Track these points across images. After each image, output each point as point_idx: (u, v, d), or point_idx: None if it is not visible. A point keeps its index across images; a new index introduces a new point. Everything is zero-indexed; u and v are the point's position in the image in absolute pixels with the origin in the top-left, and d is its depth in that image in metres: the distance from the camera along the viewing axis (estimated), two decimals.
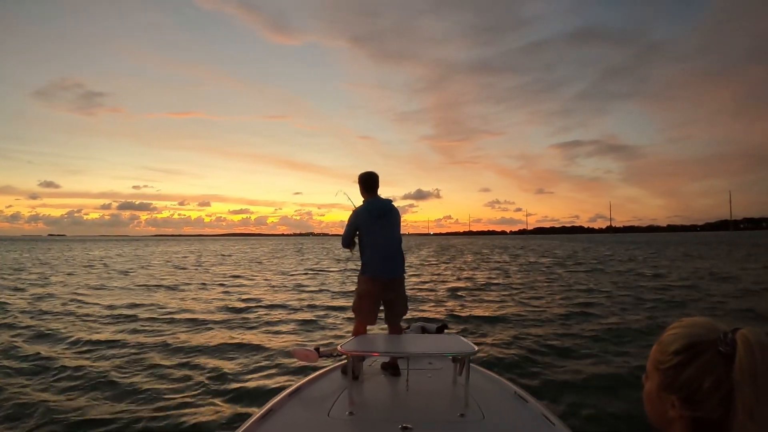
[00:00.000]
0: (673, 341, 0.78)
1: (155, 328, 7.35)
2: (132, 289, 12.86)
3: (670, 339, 0.79)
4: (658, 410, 0.81)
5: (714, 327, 0.77)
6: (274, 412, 2.32)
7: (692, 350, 0.75)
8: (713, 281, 13.52)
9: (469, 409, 2.36)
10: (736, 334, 0.73)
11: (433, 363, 3.21)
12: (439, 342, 2.95)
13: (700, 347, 0.75)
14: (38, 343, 6.30)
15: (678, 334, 0.79)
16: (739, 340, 0.72)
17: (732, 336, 0.73)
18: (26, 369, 5.11)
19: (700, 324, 0.78)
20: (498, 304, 9.93)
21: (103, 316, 8.42)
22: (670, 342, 0.79)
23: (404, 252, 3.41)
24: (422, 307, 9.62)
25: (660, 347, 0.81)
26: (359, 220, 3.34)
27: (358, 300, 3.31)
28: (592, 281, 14.04)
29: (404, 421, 2.15)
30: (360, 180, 3.46)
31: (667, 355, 0.78)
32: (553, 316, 8.32)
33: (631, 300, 10.02)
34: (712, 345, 0.74)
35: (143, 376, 4.87)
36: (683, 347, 0.76)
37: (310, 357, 3.22)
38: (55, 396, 4.28)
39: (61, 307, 9.43)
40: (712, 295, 10.48)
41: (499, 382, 2.87)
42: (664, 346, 0.80)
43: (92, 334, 6.88)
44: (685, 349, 0.76)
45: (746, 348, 0.71)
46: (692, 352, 0.75)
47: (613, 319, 7.84)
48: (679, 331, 0.79)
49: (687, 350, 0.76)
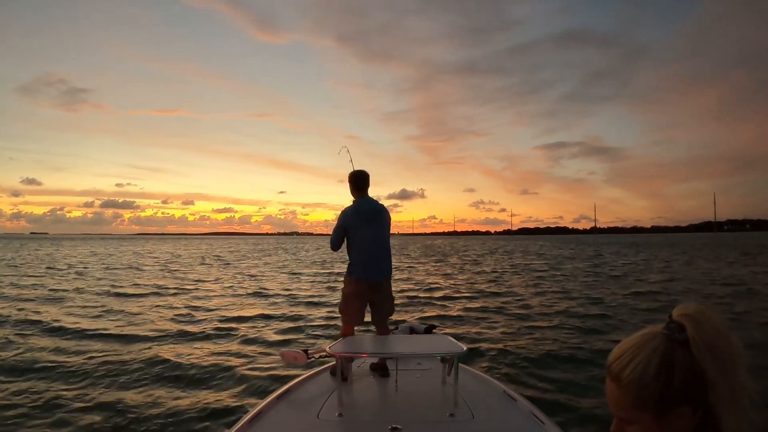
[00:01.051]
0: (644, 372, 0.71)
1: (144, 332, 7.23)
2: (93, 292, 11.93)
3: (640, 372, 0.72)
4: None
5: (653, 331, 0.74)
6: (264, 414, 2.31)
7: (665, 363, 0.70)
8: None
9: (459, 408, 2.37)
10: (675, 317, 0.72)
11: (422, 363, 3.22)
12: (428, 342, 2.96)
13: (667, 355, 0.71)
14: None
15: (641, 363, 0.72)
16: (682, 320, 0.71)
17: (673, 321, 0.72)
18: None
19: (646, 335, 0.74)
20: (486, 304, 9.99)
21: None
22: (642, 374, 0.71)
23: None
24: (410, 308, 9.63)
25: (632, 388, 0.72)
26: (347, 221, 3.30)
27: (345, 301, 3.30)
28: (589, 283, 13.73)
29: (394, 422, 2.16)
30: (350, 179, 3.40)
31: (649, 387, 0.71)
32: (542, 316, 8.40)
33: (627, 303, 10.02)
34: (670, 343, 0.71)
35: (129, 382, 4.76)
36: (658, 366, 0.71)
37: (298, 359, 3.20)
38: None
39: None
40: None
41: (488, 382, 2.89)
42: (637, 382, 0.72)
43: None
44: (661, 367, 0.70)
45: (691, 323, 0.70)
46: (666, 364, 0.70)
47: (608, 321, 7.94)
48: (638, 360, 0.72)
49: (662, 366, 0.70)
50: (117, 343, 6.33)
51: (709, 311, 0.72)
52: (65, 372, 4.99)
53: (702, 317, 0.70)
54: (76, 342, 6.38)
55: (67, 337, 6.70)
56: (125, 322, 7.83)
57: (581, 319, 7.98)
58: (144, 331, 7.10)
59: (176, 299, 10.68)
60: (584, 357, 5.54)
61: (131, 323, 7.78)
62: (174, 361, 5.46)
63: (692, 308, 0.72)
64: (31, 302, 10.05)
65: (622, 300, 10.14)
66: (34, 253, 34.59)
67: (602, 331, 7.00)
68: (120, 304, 9.94)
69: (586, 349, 5.89)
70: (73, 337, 6.71)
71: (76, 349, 5.94)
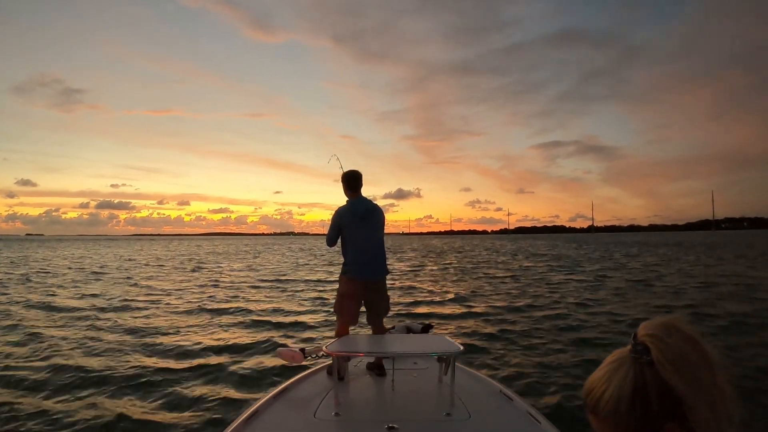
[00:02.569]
0: (618, 401, 0.69)
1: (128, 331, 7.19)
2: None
3: (614, 402, 0.69)
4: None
5: (620, 357, 0.71)
6: (260, 413, 2.31)
7: (638, 387, 0.67)
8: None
9: (455, 408, 2.38)
10: (639, 337, 0.69)
11: (418, 363, 3.23)
12: (425, 342, 2.96)
13: (638, 379, 0.68)
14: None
15: (614, 393, 0.69)
16: (645, 341, 0.68)
17: (638, 342, 0.69)
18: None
19: (614, 361, 0.72)
20: (484, 303, 10.01)
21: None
22: (617, 404, 0.69)
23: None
24: (407, 307, 9.64)
25: (611, 419, 0.70)
26: (342, 220, 3.32)
27: (340, 300, 3.31)
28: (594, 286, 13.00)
29: (390, 421, 2.16)
30: (343, 179, 3.43)
31: (627, 415, 0.68)
32: (539, 316, 8.41)
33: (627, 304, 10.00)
34: (639, 366, 0.68)
35: (125, 379, 4.76)
36: (631, 395, 0.68)
37: (295, 358, 3.20)
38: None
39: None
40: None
41: (484, 381, 2.90)
42: (614, 413, 0.69)
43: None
44: (633, 394, 0.67)
45: (653, 344, 0.67)
46: (639, 388, 0.67)
47: (604, 320, 7.97)
48: (610, 390, 0.69)
49: (635, 392, 0.67)
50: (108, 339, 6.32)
51: (676, 324, 0.68)
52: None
53: (666, 334, 0.67)
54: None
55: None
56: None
57: (585, 320, 8.01)
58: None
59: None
60: (583, 357, 5.56)
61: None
62: (171, 360, 5.45)
63: (656, 325, 0.69)
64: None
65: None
66: (15, 256, 32.91)
67: (602, 331, 7.03)
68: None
69: (585, 351, 5.90)
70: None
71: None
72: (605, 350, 5.67)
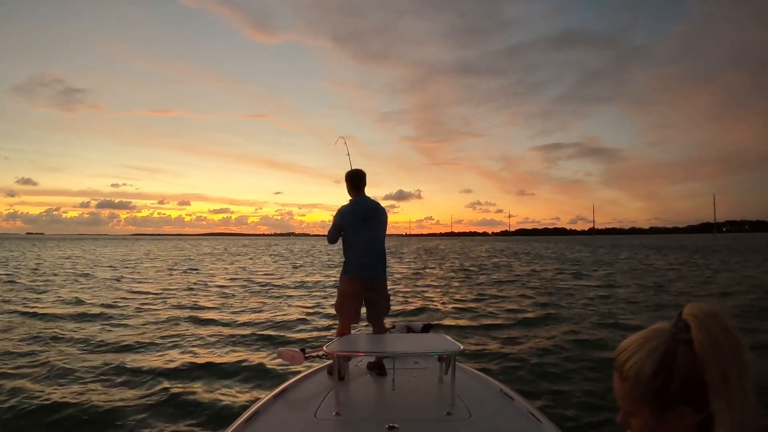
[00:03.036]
0: (642, 368, 0.71)
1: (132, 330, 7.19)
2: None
3: (638, 368, 0.71)
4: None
5: (660, 328, 0.73)
6: (261, 413, 2.30)
7: (667, 360, 0.69)
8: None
9: (456, 407, 2.37)
10: (683, 316, 0.71)
11: (418, 362, 3.22)
12: (425, 341, 2.96)
13: (670, 352, 0.69)
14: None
15: (643, 355, 0.71)
16: (688, 319, 0.69)
17: (682, 321, 0.70)
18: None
19: (652, 332, 0.73)
20: (484, 303, 10.00)
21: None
22: (639, 371, 0.71)
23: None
24: (407, 306, 9.62)
25: (631, 382, 0.73)
26: (344, 219, 3.31)
27: (340, 300, 3.30)
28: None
29: (391, 421, 2.16)
30: (347, 178, 3.41)
31: (646, 384, 0.71)
32: (540, 316, 8.40)
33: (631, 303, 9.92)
34: (674, 342, 0.70)
35: (125, 378, 4.76)
36: (658, 365, 0.70)
37: (295, 358, 3.20)
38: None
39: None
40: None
41: (485, 381, 2.89)
42: (635, 378, 0.72)
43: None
44: (660, 365, 0.70)
45: (697, 324, 0.68)
46: (666, 363, 0.69)
47: (605, 320, 7.95)
48: (640, 353, 0.72)
49: (662, 364, 0.69)
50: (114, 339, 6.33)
51: (721, 313, 0.69)
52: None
53: (711, 319, 0.68)
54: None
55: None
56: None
57: (584, 319, 7.99)
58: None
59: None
60: (583, 357, 5.55)
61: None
62: (170, 361, 5.45)
63: (702, 308, 0.69)
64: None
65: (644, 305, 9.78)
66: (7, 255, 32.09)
67: (601, 331, 7.02)
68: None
69: (586, 350, 5.89)
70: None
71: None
72: (605, 350, 5.71)
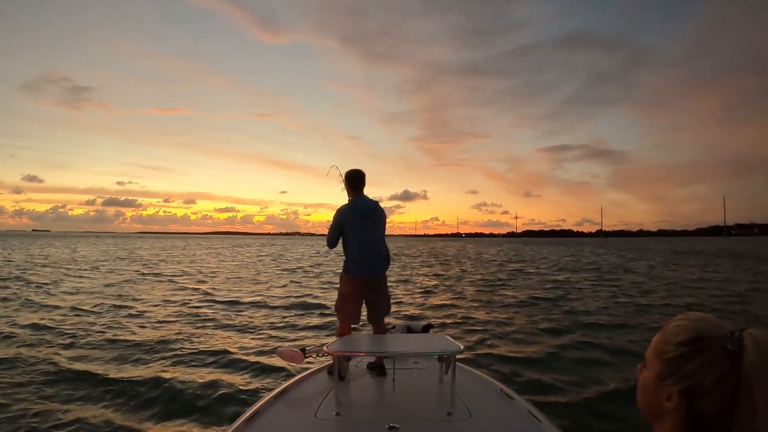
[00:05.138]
0: (678, 332, 0.76)
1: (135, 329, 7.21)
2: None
3: (676, 330, 0.77)
4: (653, 401, 0.79)
5: (721, 324, 0.76)
6: (261, 413, 2.31)
7: (698, 343, 0.74)
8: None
9: (456, 407, 2.37)
10: (743, 333, 0.72)
11: (419, 362, 3.21)
12: (425, 341, 2.96)
13: (706, 341, 0.73)
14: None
15: (684, 326, 0.77)
16: (747, 339, 0.71)
17: (740, 335, 0.72)
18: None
19: (707, 319, 0.77)
20: (484, 304, 9.98)
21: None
22: (675, 333, 0.77)
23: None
24: (408, 307, 9.63)
25: (664, 337, 0.79)
26: (344, 218, 3.31)
27: (341, 299, 3.30)
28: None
29: (391, 421, 2.15)
30: (346, 178, 3.43)
31: (671, 345, 0.76)
32: (543, 316, 8.39)
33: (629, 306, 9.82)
34: (719, 341, 0.73)
35: (126, 378, 4.78)
36: (689, 339, 0.75)
37: (296, 358, 3.20)
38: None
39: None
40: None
41: (485, 381, 2.88)
42: (668, 336, 0.78)
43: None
44: (691, 342, 0.74)
45: (755, 347, 0.70)
46: (698, 345, 0.74)
47: (604, 320, 7.93)
48: (685, 323, 0.77)
49: (693, 343, 0.74)
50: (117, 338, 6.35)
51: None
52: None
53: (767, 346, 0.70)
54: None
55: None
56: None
57: (584, 319, 7.95)
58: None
59: None
60: (583, 357, 5.54)
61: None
62: (170, 362, 5.48)
63: (763, 336, 0.71)
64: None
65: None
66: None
67: (602, 332, 6.99)
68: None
69: (587, 350, 5.87)
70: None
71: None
72: (606, 351, 5.68)
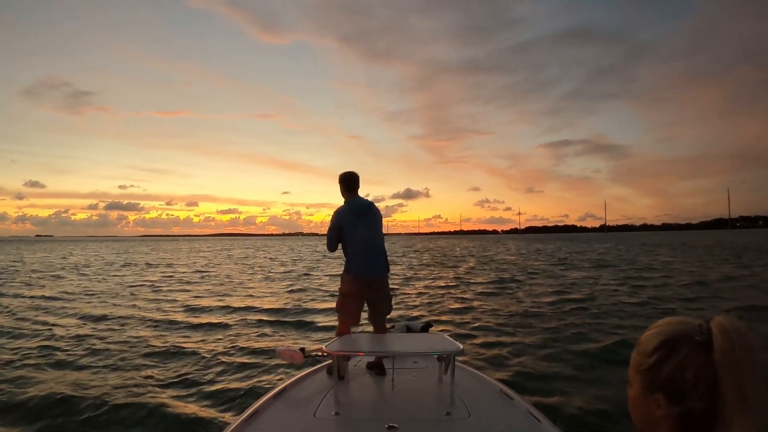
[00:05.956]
0: (650, 341, 0.79)
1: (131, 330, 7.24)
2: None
3: (647, 340, 0.80)
4: (644, 414, 0.80)
5: (689, 322, 0.78)
6: (260, 413, 2.31)
7: (669, 344, 0.76)
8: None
9: (455, 407, 2.36)
10: (710, 323, 0.75)
11: (418, 362, 3.22)
12: (424, 341, 2.94)
13: (677, 341, 0.76)
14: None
15: (653, 333, 0.80)
16: (715, 327, 0.74)
17: (707, 325, 0.75)
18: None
19: (676, 321, 0.80)
20: (484, 302, 9.96)
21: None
22: (647, 343, 0.80)
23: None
24: (407, 306, 9.60)
25: (638, 350, 0.82)
26: (342, 219, 3.32)
27: (342, 300, 3.30)
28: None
29: (390, 421, 2.15)
30: (341, 180, 3.45)
31: (646, 357, 0.79)
32: (540, 315, 8.37)
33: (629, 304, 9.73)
34: (689, 337, 0.75)
35: (123, 377, 4.78)
36: (660, 343, 0.77)
37: (295, 357, 3.20)
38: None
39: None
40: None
41: (484, 380, 2.88)
42: (642, 348, 0.81)
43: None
44: (662, 345, 0.77)
45: (723, 333, 0.72)
46: (670, 346, 0.76)
47: (605, 320, 7.90)
48: (654, 331, 0.80)
49: (664, 346, 0.76)
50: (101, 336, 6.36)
51: (746, 330, 0.73)
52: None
53: (736, 333, 0.72)
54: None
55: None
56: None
57: (585, 319, 7.94)
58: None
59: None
60: (583, 356, 5.51)
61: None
62: (168, 359, 5.48)
63: (733, 322, 0.74)
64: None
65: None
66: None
67: (602, 332, 6.96)
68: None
69: (584, 349, 5.84)
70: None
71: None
72: (606, 351, 5.65)
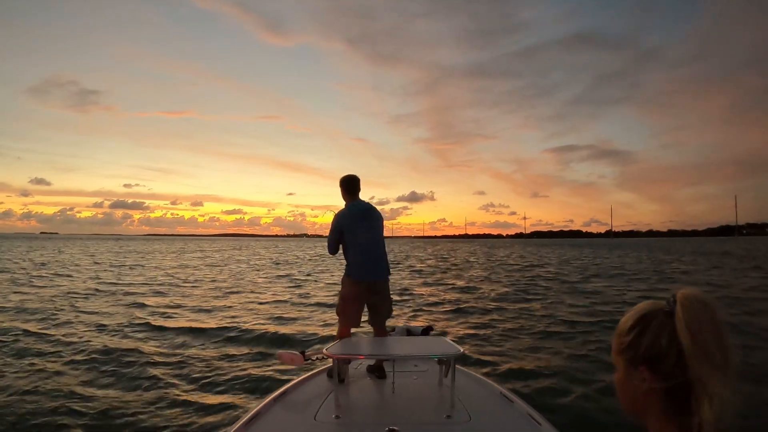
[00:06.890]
0: (625, 321, 0.84)
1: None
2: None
3: (623, 321, 0.85)
4: (631, 393, 0.83)
5: (661, 301, 0.83)
6: (261, 416, 2.32)
7: (644, 320, 0.81)
8: None
9: (456, 410, 2.37)
10: (676, 295, 0.79)
11: (418, 365, 3.22)
12: (425, 344, 2.95)
13: (650, 315, 0.81)
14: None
15: (629, 314, 0.85)
16: (678, 296, 0.78)
17: (673, 296, 0.80)
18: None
19: (649, 301, 0.85)
20: (483, 306, 9.91)
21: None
22: (623, 324, 0.84)
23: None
24: (408, 310, 9.59)
25: (617, 332, 0.85)
26: (343, 221, 3.33)
27: (343, 302, 3.31)
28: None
29: (391, 424, 2.16)
30: (342, 183, 3.47)
31: (624, 335, 0.83)
32: (539, 318, 8.34)
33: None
34: (660, 310, 0.80)
35: (125, 382, 4.78)
36: (636, 320, 0.82)
37: (295, 360, 3.21)
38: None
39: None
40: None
41: (484, 383, 2.88)
42: (620, 329, 0.85)
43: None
44: (637, 321, 0.82)
45: (682, 300, 0.77)
46: (644, 321, 0.81)
47: (605, 320, 7.86)
48: (630, 313, 0.85)
49: (639, 321, 0.81)
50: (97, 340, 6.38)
51: (712, 303, 0.76)
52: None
53: (698, 303, 0.76)
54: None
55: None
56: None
57: (586, 321, 7.90)
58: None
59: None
60: (582, 358, 5.50)
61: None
62: (169, 362, 5.47)
63: (695, 293, 0.77)
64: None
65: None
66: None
67: (601, 331, 6.93)
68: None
69: (587, 353, 5.81)
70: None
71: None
72: (606, 352, 5.60)
